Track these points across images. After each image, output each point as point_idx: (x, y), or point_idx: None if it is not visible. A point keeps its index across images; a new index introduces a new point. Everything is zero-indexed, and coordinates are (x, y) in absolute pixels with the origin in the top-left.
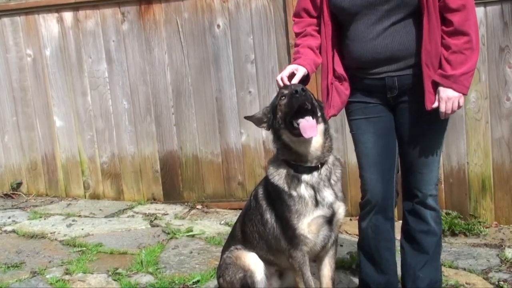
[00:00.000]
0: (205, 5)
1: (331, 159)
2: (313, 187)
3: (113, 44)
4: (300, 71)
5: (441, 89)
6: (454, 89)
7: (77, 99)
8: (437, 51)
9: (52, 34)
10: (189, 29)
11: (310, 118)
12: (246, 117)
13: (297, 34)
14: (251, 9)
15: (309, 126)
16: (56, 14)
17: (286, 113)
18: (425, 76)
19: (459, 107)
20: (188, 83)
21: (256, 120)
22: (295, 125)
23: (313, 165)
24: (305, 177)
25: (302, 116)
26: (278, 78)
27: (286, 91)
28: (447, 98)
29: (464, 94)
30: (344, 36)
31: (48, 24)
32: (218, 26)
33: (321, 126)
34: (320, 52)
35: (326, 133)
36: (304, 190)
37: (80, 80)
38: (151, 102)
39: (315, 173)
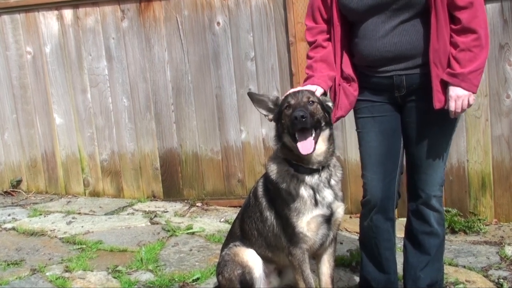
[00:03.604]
0: (205, 3)
1: (333, 161)
2: (312, 188)
3: (113, 41)
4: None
5: (450, 87)
6: (463, 88)
7: (77, 96)
8: (446, 50)
9: (52, 31)
10: (189, 26)
11: (310, 137)
12: (250, 93)
13: (310, 44)
14: (251, 6)
15: (305, 145)
16: (56, 12)
17: (288, 126)
18: (433, 75)
19: (469, 105)
20: (188, 81)
21: (257, 101)
22: (296, 136)
23: (314, 167)
24: (305, 177)
25: (302, 132)
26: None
27: (292, 101)
28: (456, 96)
29: (473, 93)
30: (353, 34)
31: (48, 21)
32: (218, 23)
33: (326, 133)
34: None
35: (330, 138)
36: (303, 190)
37: (80, 78)
38: (151, 100)
39: (316, 175)
